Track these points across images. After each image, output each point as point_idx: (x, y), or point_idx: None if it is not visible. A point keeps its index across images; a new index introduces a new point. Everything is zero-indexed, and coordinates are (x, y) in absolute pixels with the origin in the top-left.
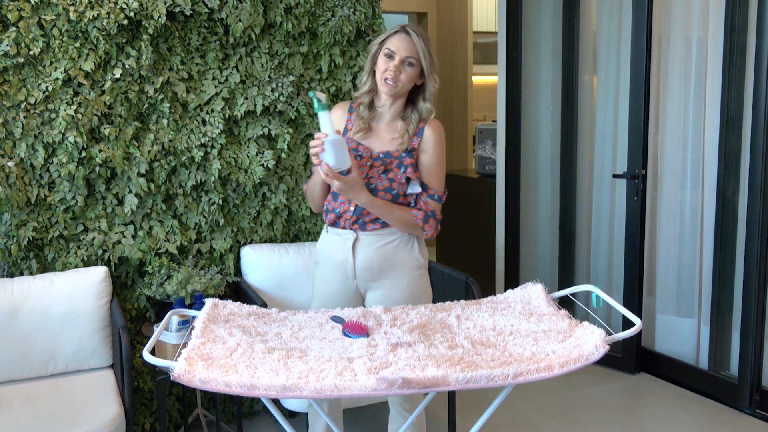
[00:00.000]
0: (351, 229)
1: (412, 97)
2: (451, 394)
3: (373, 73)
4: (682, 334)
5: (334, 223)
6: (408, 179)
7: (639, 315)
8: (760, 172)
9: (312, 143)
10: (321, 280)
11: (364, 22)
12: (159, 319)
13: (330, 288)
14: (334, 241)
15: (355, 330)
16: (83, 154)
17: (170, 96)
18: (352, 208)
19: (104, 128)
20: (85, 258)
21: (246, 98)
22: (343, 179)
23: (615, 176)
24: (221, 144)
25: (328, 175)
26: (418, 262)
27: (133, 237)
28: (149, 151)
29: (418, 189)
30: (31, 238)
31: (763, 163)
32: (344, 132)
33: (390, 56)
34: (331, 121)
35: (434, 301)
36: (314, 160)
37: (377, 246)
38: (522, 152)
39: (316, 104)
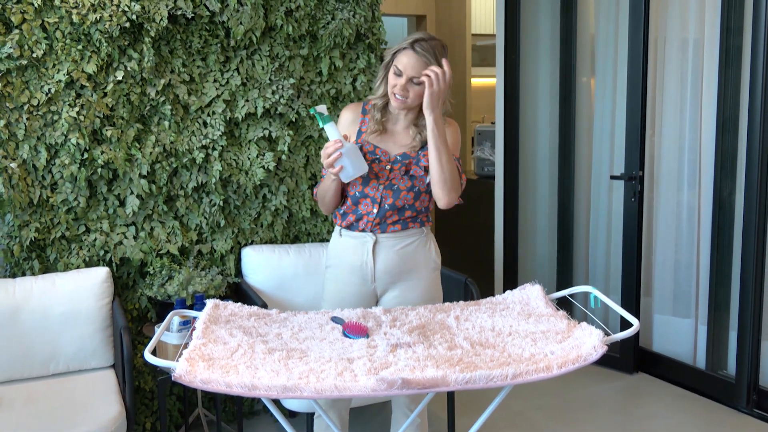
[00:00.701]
0: (371, 231)
1: None
2: (451, 395)
3: (386, 80)
4: (679, 334)
5: (350, 226)
6: (426, 168)
7: (637, 315)
8: (756, 173)
9: (326, 152)
10: (334, 284)
11: (364, 25)
12: (160, 319)
13: (345, 291)
14: (350, 245)
15: (354, 331)
16: (85, 155)
17: (172, 98)
18: (375, 211)
19: (106, 130)
20: (87, 259)
21: (247, 100)
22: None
23: (612, 177)
24: (222, 146)
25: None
26: (435, 263)
27: (135, 238)
28: (151, 153)
29: None
30: (33, 238)
31: (759, 164)
32: (359, 134)
33: (398, 74)
34: (338, 131)
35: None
36: (330, 170)
37: (398, 248)
38: (520, 154)
39: (319, 119)
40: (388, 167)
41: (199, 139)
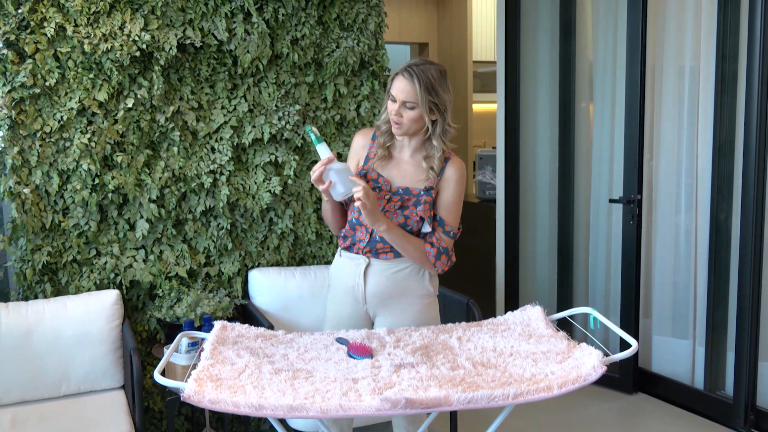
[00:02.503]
0: (364, 255)
1: (430, 133)
2: (453, 414)
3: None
4: (678, 354)
5: (348, 248)
6: (422, 218)
7: (635, 336)
8: (752, 196)
9: (314, 168)
10: (333, 304)
11: (368, 52)
12: (169, 340)
13: (341, 311)
14: (346, 266)
15: (359, 351)
16: (96, 180)
17: (180, 125)
18: (366, 238)
19: (117, 156)
20: (98, 281)
21: (254, 126)
22: (367, 209)
23: (611, 201)
24: (230, 171)
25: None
26: (428, 290)
27: (144, 261)
28: (160, 178)
29: (429, 229)
30: (45, 262)
31: (754, 187)
32: (366, 160)
33: (393, 100)
34: (329, 151)
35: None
36: (320, 187)
37: (389, 273)
38: (521, 177)
39: (313, 138)
40: (387, 197)
41: (207, 164)
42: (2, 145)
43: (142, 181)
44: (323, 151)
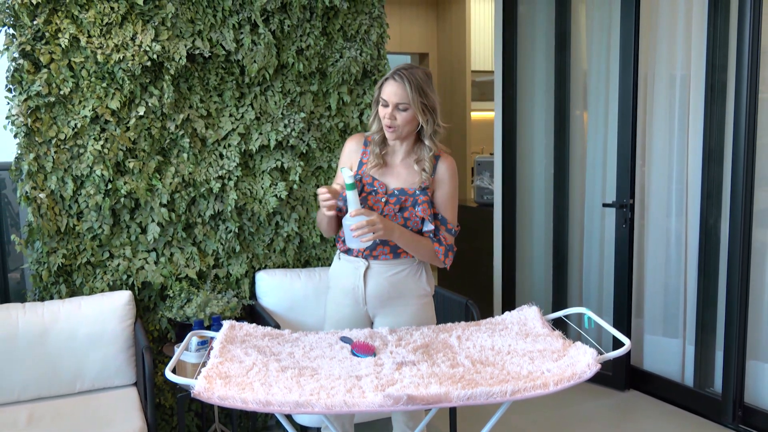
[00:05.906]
0: (363, 257)
1: (421, 135)
2: (453, 410)
3: (378, 115)
4: (668, 353)
5: (347, 251)
6: (422, 219)
7: (628, 335)
8: (740, 201)
9: (323, 196)
10: (333, 305)
11: (370, 62)
12: (179, 339)
13: (341, 312)
14: (346, 268)
15: (362, 350)
16: (109, 186)
17: (190, 132)
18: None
19: (129, 162)
20: (111, 283)
21: (260, 133)
22: (378, 235)
23: (605, 205)
24: (237, 176)
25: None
26: (425, 290)
27: (156, 263)
28: (170, 183)
29: (431, 227)
30: (60, 264)
31: (742, 193)
32: (359, 165)
33: (385, 105)
34: (357, 201)
35: (436, 323)
36: (326, 210)
37: (388, 275)
38: (517, 183)
39: (348, 184)
40: (384, 200)
41: (216, 170)
42: (19, 151)
43: (153, 186)
44: (352, 198)
